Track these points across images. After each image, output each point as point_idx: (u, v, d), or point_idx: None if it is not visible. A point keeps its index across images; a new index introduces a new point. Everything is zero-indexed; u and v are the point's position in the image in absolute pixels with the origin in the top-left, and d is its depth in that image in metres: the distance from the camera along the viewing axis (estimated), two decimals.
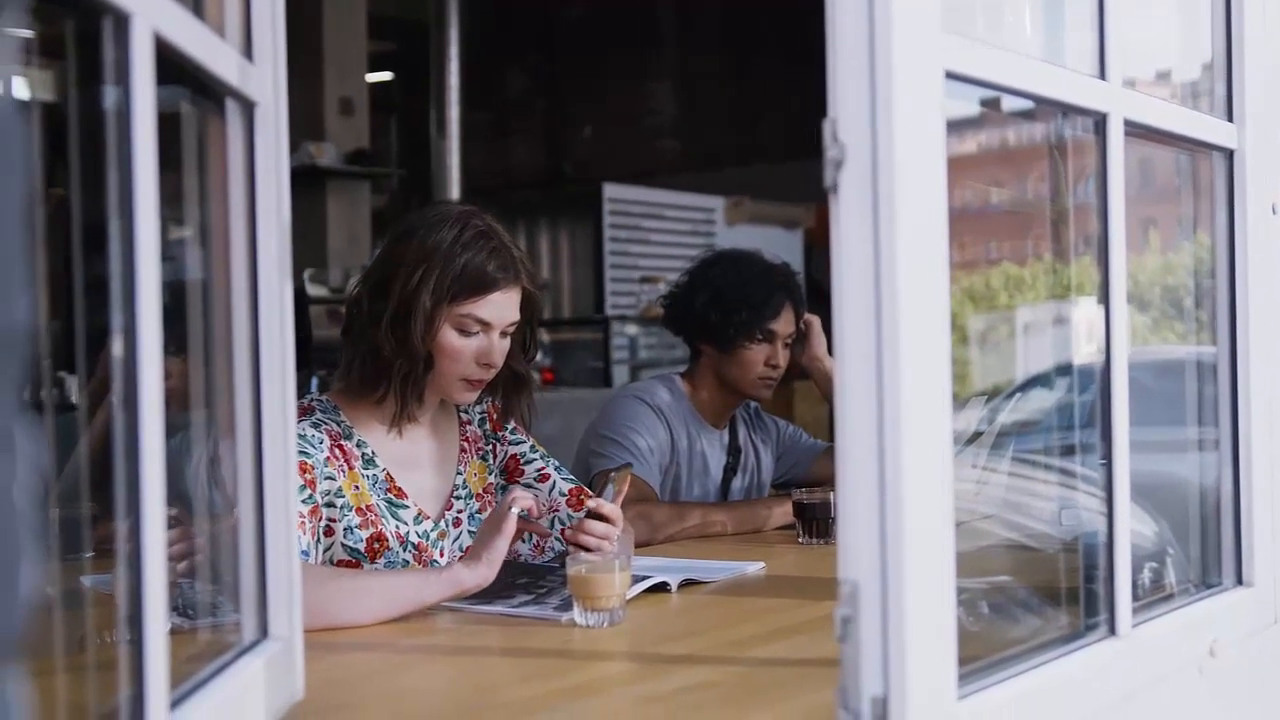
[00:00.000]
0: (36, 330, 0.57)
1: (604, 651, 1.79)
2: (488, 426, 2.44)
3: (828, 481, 3.02)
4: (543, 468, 2.44)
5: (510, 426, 2.46)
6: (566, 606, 1.92)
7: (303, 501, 2.04)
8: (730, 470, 3.17)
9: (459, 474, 2.36)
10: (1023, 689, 1.38)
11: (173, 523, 1.43)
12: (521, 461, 2.44)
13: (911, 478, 1.19)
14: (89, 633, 1.44)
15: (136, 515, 1.02)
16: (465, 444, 2.40)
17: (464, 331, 2.21)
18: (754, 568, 2.38)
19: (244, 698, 1.29)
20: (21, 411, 0.55)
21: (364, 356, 2.21)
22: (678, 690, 1.57)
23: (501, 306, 2.23)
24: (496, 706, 1.53)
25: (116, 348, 1.03)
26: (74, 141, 1.06)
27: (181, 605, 1.46)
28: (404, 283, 2.17)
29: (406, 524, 2.23)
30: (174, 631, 1.10)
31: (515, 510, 2.02)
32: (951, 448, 1.27)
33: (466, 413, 2.43)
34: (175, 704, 1.12)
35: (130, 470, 1.02)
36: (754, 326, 3.02)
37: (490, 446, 2.43)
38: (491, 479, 2.41)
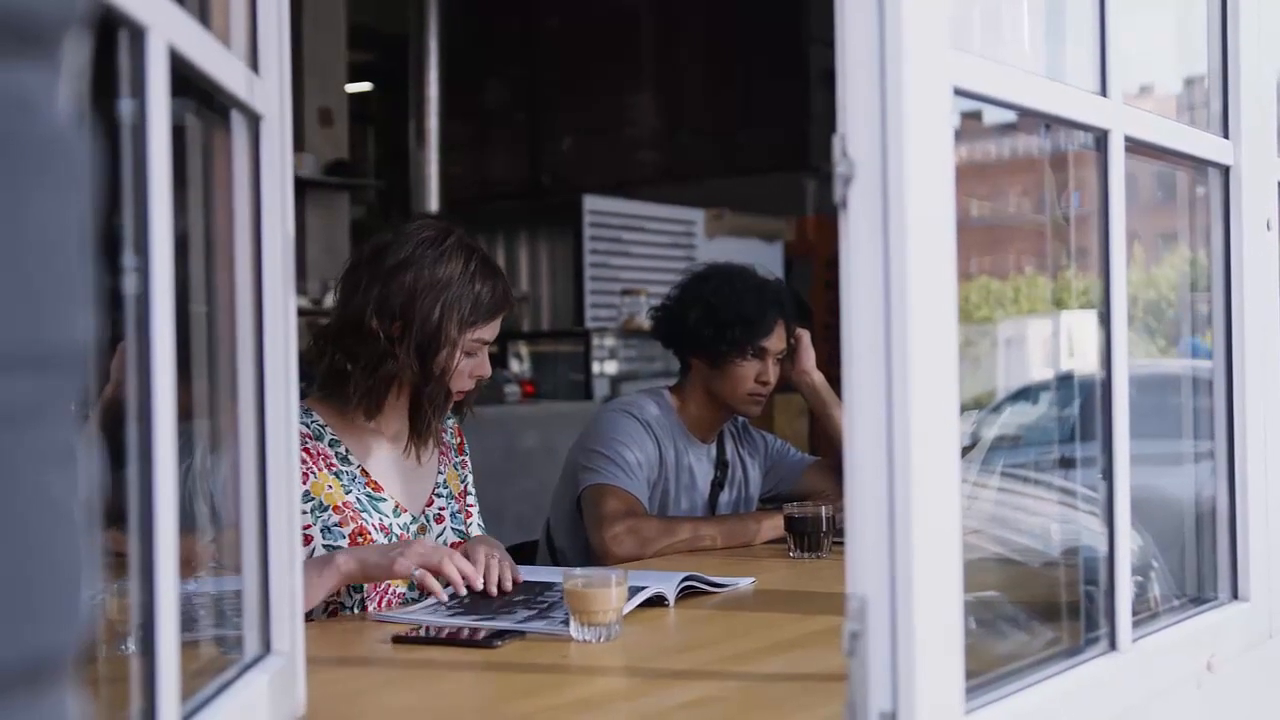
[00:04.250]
0: (96, 346, 0.57)
1: (602, 666, 1.79)
2: (456, 441, 2.55)
3: (816, 495, 3.02)
4: (472, 505, 2.54)
5: (465, 454, 2.56)
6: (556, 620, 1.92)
7: None
8: (718, 484, 3.16)
9: (440, 474, 2.46)
10: (1028, 703, 1.38)
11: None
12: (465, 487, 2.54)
13: (921, 492, 1.19)
14: (89, 646, 1.43)
15: (148, 530, 1.01)
16: (443, 449, 2.49)
17: (470, 354, 2.32)
18: (745, 583, 2.38)
19: (249, 714, 1.28)
20: (81, 427, 0.55)
21: (382, 382, 2.28)
22: (680, 705, 1.57)
23: (499, 326, 2.37)
24: None
25: (130, 358, 1.02)
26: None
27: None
28: (424, 315, 2.25)
29: (387, 516, 2.31)
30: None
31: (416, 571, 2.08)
32: (959, 462, 1.27)
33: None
34: None
35: (143, 484, 1.01)
36: (746, 343, 3.01)
37: (461, 459, 2.54)
38: (462, 487, 2.51)
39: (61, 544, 0.53)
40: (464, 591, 2.13)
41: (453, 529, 2.44)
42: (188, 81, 1.18)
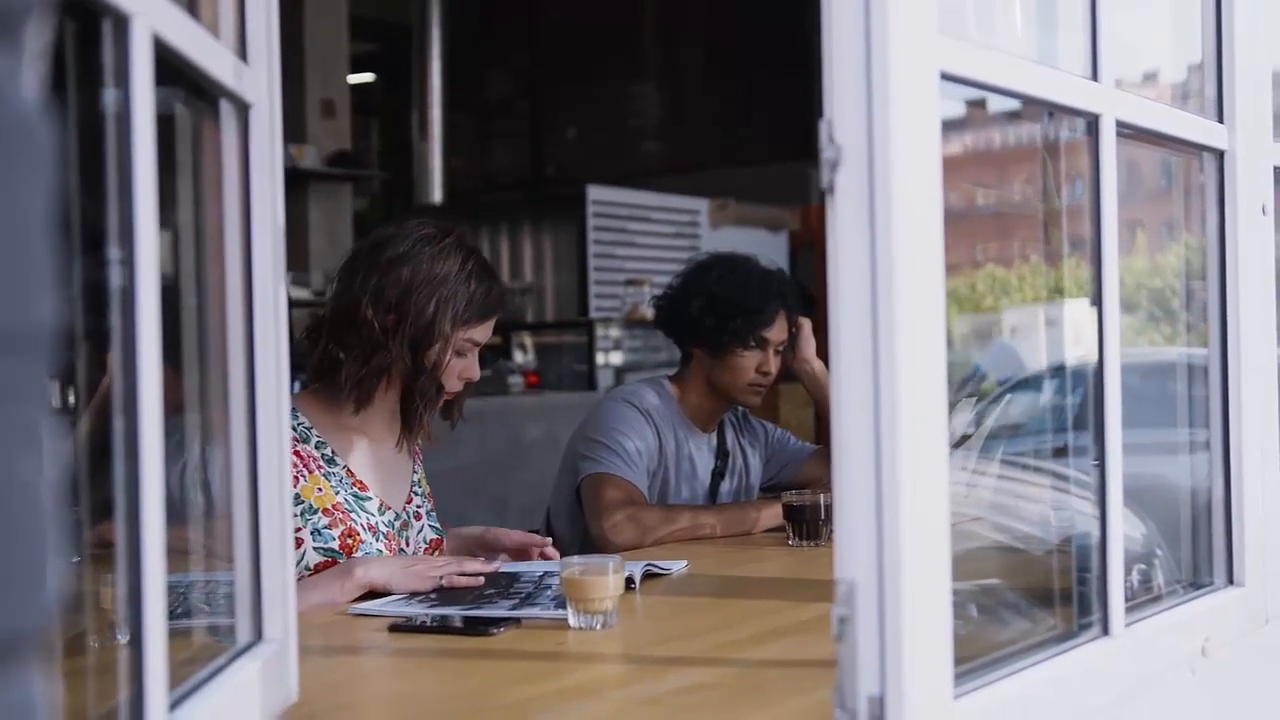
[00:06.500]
0: (62, 329, 0.57)
1: (598, 653, 1.79)
2: (420, 442, 2.56)
3: (816, 484, 3.02)
4: (427, 507, 2.53)
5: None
6: (562, 605, 1.92)
7: None
8: (718, 473, 3.17)
9: (415, 473, 2.49)
10: (1018, 688, 1.38)
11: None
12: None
13: (908, 477, 1.19)
14: (80, 636, 1.44)
15: (135, 518, 1.02)
16: (417, 449, 2.52)
17: (459, 353, 2.34)
18: (680, 566, 2.39)
19: (240, 700, 1.29)
20: (48, 410, 0.55)
21: (373, 374, 2.30)
22: (673, 691, 1.57)
23: (491, 328, 2.39)
24: (492, 709, 1.53)
25: (115, 351, 1.02)
26: (70, 143, 1.06)
27: (172, 608, 1.46)
28: (419, 308, 2.28)
29: (373, 515, 2.33)
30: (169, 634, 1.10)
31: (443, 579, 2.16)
32: (947, 447, 1.27)
33: None
34: (173, 706, 1.11)
35: (129, 473, 1.01)
36: (748, 334, 3.01)
37: (421, 461, 2.56)
38: (428, 488, 2.55)
39: (28, 525, 0.53)
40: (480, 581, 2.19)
41: (429, 526, 2.48)
42: (176, 71, 1.18)
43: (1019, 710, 1.38)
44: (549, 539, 2.51)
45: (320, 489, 2.28)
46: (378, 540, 2.31)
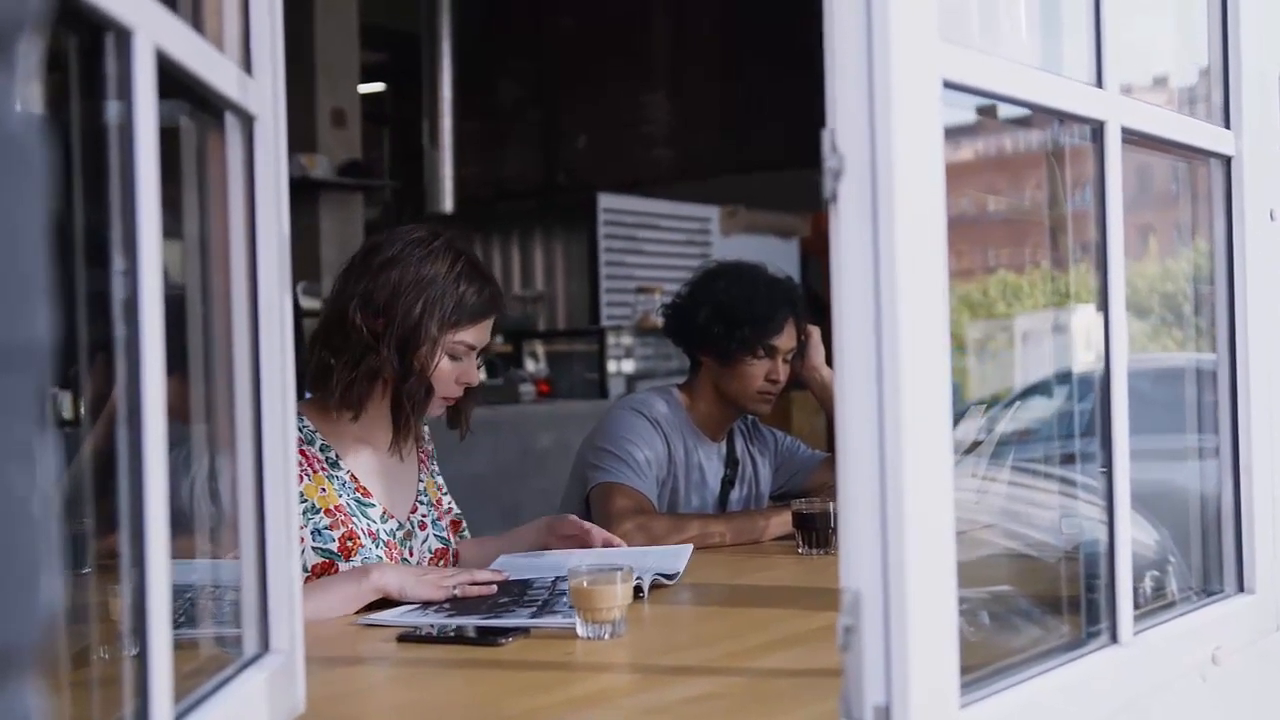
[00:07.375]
0: (55, 343, 0.57)
1: (606, 663, 1.79)
2: (431, 447, 2.58)
3: (826, 492, 3.01)
4: (433, 516, 2.53)
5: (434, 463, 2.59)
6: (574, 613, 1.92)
7: None
8: (728, 482, 3.16)
9: (420, 482, 2.49)
10: (1025, 697, 1.37)
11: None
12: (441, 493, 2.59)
13: (913, 486, 1.19)
14: (89, 647, 1.44)
15: (140, 530, 1.02)
16: (423, 456, 2.53)
17: (453, 356, 2.34)
18: (686, 551, 2.42)
19: (246, 712, 1.29)
20: (41, 424, 0.56)
21: (363, 378, 2.30)
22: (681, 701, 1.57)
23: (487, 331, 2.39)
24: (500, 719, 1.53)
25: (119, 362, 1.03)
26: (75, 155, 1.06)
27: (179, 619, 1.46)
28: (406, 310, 2.28)
29: (375, 522, 2.34)
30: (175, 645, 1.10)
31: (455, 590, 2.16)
32: (952, 456, 1.27)
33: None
34: (178, 718, 1.11)
35: (134, 484, 1.02)
36: (756, 342, 3.01)
37: (435, 465, 2.57)
38: (439, 495, 2.55)
39: (21, 540, 0.53)
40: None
41: (435, 535, 2.48)
42: (180, 84, 1.18)
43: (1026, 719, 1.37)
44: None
45: (324, 489, 2.29)
46: (377, 547, 2.32)
